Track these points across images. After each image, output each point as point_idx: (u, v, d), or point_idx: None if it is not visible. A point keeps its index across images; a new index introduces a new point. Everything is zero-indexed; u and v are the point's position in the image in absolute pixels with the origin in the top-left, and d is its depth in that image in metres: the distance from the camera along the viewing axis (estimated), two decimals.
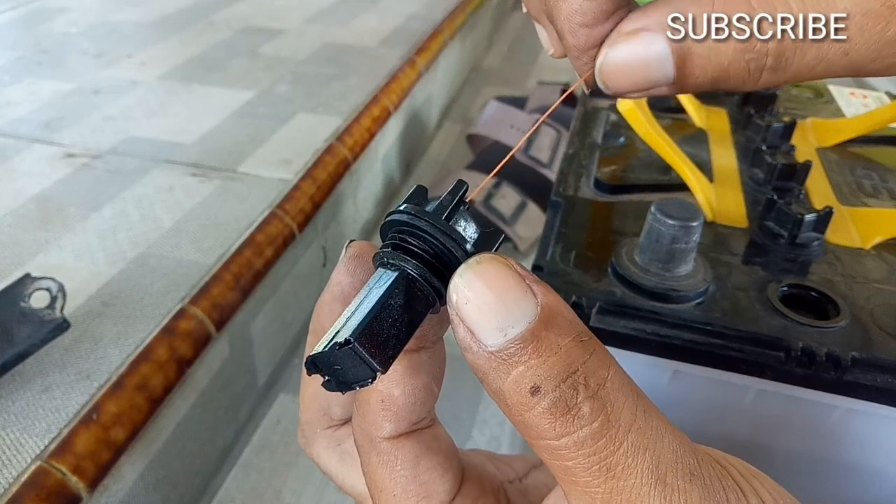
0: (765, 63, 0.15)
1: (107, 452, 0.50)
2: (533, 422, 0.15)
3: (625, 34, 0.16)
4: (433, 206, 0.16)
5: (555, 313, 0.15)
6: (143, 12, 1.39)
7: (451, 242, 0.16)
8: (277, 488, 0.68)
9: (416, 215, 0.16)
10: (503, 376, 0.15)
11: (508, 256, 0.16)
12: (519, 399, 0.15)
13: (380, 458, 0.18)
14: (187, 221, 0.74)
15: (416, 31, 1.34)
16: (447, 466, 0.19)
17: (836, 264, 0.39)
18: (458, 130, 1.38)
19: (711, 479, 0.15)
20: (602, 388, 0.15)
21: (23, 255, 0.68)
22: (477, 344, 0.15)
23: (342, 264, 0.19)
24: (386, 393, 0.18)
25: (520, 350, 0.14)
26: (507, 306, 0.15)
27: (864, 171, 0.50)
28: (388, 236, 0.17)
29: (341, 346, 0.15)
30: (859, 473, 0.37)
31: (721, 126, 0.55)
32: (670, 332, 0.34)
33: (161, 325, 0.60)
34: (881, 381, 0.32)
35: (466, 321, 0.15)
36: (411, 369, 0.18)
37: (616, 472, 0.14)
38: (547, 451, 0.15)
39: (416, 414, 0.18)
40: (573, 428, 0.14)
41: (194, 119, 0.97)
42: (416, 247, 0.16)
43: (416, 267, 0.16)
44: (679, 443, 0.15)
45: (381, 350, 0.15)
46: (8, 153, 0.86)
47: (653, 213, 0.35)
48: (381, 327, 0.16)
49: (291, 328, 0.82)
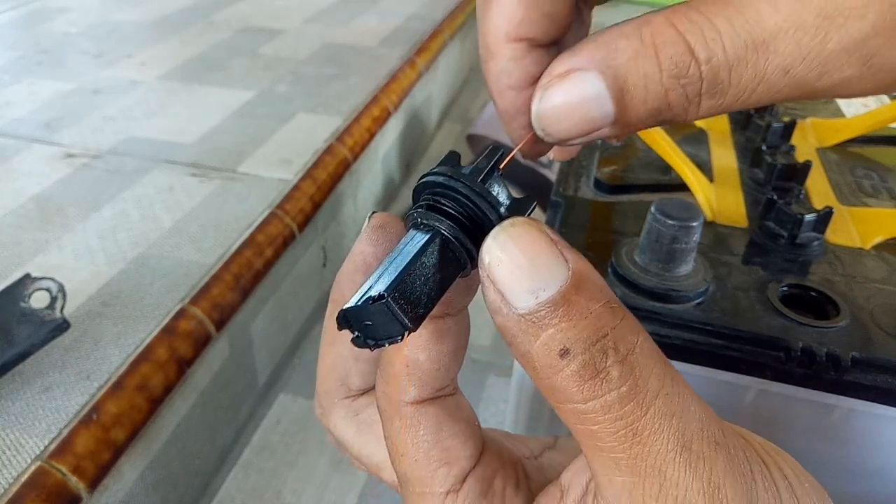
0: (700, 87, 0.14)
1: (107, 452, 0.50)
2: (561, 384, 0.15)
3: (557, 76, 0.15)
4: (468, 169, 0.16)
5: (586, 278, 0.15)
6: (143, 12, 1.39)
7: (485, 205, 0.16)
8: (277, 488, 0.68)
9: (453, 177, 0.16)
10: (532, 339, 0.15)
11: None
12: (548, 361, 0.15)
13: (403, 422, 0.18)
14: (187, 221, 0.74)
15: (416, 31, 1.34)
16: (469, 434, 0.19)
17: (836, 264, 0.39)
18: (458, 130, 1.38)
19: (736, 450, 0.15)
20: (631, 354, 0.15)
21: (23, 255, 0.68)
22: (507, 306, 0.15)
23: (365, 234, 0.19)
24: (411, 357, 0.18)
25: (550, 313, 0.15)
26: (539, 269, 0.15)
27: (864, 171, 0.50)
28: (421, 197, 0.17)
29: (375, 301, 0.15)
30: (859, 473, 0.37)
31: (721, 126, 0.55)
32: (670, 332, 0.34)
33: (161, 325, 0.60)
34: (881, 381, 0.32)
35: (498, 283, 0.15)
36: (437, 335, 0.18)
37: (642, 437, 0.14)
38: (574, 414, 0.15)
39: (440, 380, 0.18)
40: (601, 391, 0.14)
41: (194, 119, 0.97)
42: (450, 208, 0.16)
43: (449, 228, 0.16)
44: (705, 413, 0.15)
45: (412, 307, 0.15)
46: (8, 153, 0.86)
47: (653, 213, 0.35)
48: (413, 285, 0.16)
49: (291, 328, 0.82)
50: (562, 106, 0.15)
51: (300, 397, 0.79)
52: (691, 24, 0.14)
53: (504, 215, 0.16)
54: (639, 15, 0.16)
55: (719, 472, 0.15)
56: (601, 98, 0.15)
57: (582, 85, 0.15)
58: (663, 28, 0.14)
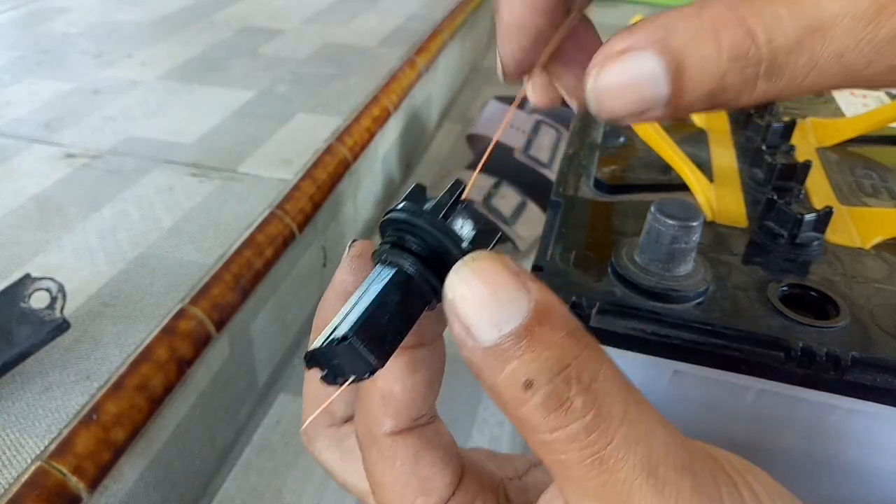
0: (759, 70, 0.14)
1: (107, 453, 0.50)
2: (527, 416, 0.15)
3: (614, 54, 0.15)
4: (431, 204, 0.17)
5: (548, 309, 0.15)
6: (143, 12, 1.39)
7: (447, 240, 0.16)
8: (277, 488, 0.68)
9: (414, 213, 0.17)
10: (497, 371, 0.15)
11: (507, 256, 0.16)
12: (513, 394, 0.15)
13: (380, 453, 0.19)
14: (187, 221, 0.74)
15: (415, 31, 1.34)
16: (447, 462, 0.19)
17: (836, 264, 0.39)
18: (458, 130, 1.38)
19: (703, 472, 0.15)
20: (595, 382, 0.15)
21: (23, 256, 0.68)
22: (472, 340, 0.15)
23: (345, 263, 0.19)
24: (386, 389, 0.18)
25: (514, 345, 0.15)
26: (502, 302, 0.15)
27: (864, 171, 0.50)
28: (386, 234, 0.17)
29: (339, 342, 0.15)
30: (859, 473, 0.37)
31: (721, 126, 0.55)
32: (670, 332, 0.34)
33: (161, 325, 0.60)
34: (881, 381, 0.32)
35: (462, 317, 0.15)
36: (411, 366, 0.18)
37: (608, 465, 0.15)
38: (541, 445, 0.15)
39: (416, 410, 0.19)
40: (566, 421, 0.15)
41: (194, 119, 0.97)
42: (413, 244, 0.17)
43: (413, 264, 0.17)
44: (671, 437, 0.15)
45: (378, 345, 0.16)
46: (8, 153, 0.86)
47: (653, 213, 0.35)
48: (378, 323, 0.16)
49: (291, 328, 0.82)
50: (616, 85, 0.15)
51: (300, 397, 0.79)
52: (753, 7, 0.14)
53: (466, 249, 0.16)
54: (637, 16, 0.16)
55: (686, 496, 0.15)
56: (657, 78, 0.15)
57: (639, 64, 0.15)
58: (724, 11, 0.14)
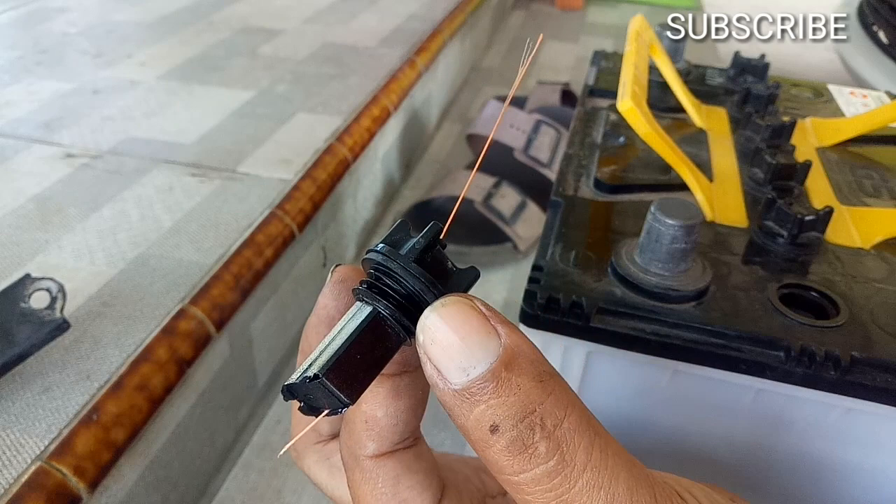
0: None
1: (107, 453, 0.50)
2: (493, 458, 0.15)
3: None
4: (409, 245, 0.17)
5: (517, 354, 0.16)
6: (142, 12, 1.39)
7: (419, 285, 0.17)
8: (277, 488, 0.68)
9: (389, 256, 0.17)
10: (466, 413, 0.15)
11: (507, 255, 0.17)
12: (480, 436, 0.15)
13: (363, 475, 0.19)
14: (187, 221, 0.74)
15: (415, 30, 1.34)
16: (426, 485, 0.20)
17: (836, 264, 0.39)
18: (458, 130, 1.38)
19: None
20: (558, 429, 0.15)
21: (23, 256, 0.68)
22: (443, 381, 0.16)
23: (326, 289, 0.20)
24: (370, 414, 0.19)
25: (481, 389, 0.15)
26: (470, 347, 0.15)
27: (864, 171, 0.50)
28: (367, 271, 0.18)
29: (311, 380, 0.16)
30: (859, 473, 0.37)
31: (721, 126, 0.55)
32: (670, 331, 0.34)
33: (161, 325, 0.60)
34: (881, 381, 0.32)
35: (432, 360, 0.16)
36: (394, 393, 0.19)
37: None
38: (508, 485, 0.16)
39: (398, 434, 0.19)
40: (530, 465, 0.15)
41: (194, 119, 0.97)
42: (388, 287, 0.17)
43: (386, 307, 0.17)
44: (636, 480, 0.16)
45: (348, 384, 0.16)
46: (7, 153, 0.86)
47: (652, 213, 0.35)
48: (350, 363, 0.16)
49: (291, 328, 0.82)
50: None
51: None
52: None
53: (439, 292, 0.17)
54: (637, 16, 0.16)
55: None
56: None
57: None
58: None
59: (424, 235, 0.17)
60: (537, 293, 0.36)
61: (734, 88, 0.61)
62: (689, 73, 0.63)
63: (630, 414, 0.39)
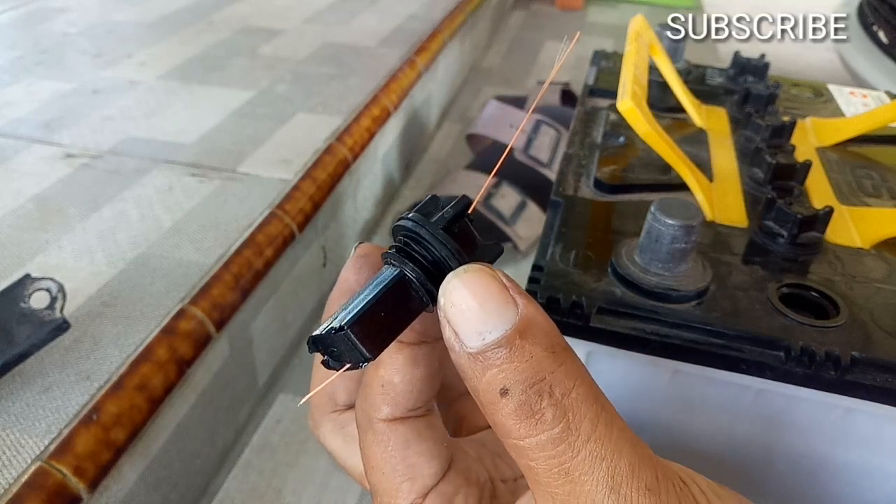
0: None
1: (107, 453, 0.50)
2: (501, 421, 0.16)
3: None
4: (438, 216, 0.18)
5: (532, 323, 0.16)
6: (142, 12, 1.39)
7: (445, 251, 0.18)
8: (277, 488, 0.68)
9: (419, 223, 0.18)
10: (479, 376, 0.16)
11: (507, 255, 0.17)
12: (490, 398, 0.16)
13: (375, 437, 0.20)
14: (187, 221, 0.74)
15: (415, 30, 1.34)
16: (435, 453, 0.20)
17: (836, 264, 0.39)
18: (458, 130, 1.38)
19: (668, 496, 0.16)
20: (566, 398, 0.16)
21: (23, 256, 0.68)
22: (459, 344, 0.17)
23: (350, 263, 0.22)
24: (387, 379, 0.20)
25: (495, 354, 0.16)
26: (488, 313, 0.16)
27: (864, 171, 0.50)
28: (396, 238, 0.19)
29: (336, 331, 0.17)
30: (859, 473, 0.37)
31: (721, 125, 0.55)
32: (670, 331, 0.34)
33: (161, 325, 0.60)
34: (881, 381, 0.32)
35: (451, 323, 0.17)
36: (412, 360, 0.19)
37: (574, 476, 0.16)
38: (514, 449, 0.16)
39: (412, 401, 0.20)
40: (536, 431, 0.16)
41: (194, 119, 0.97)
42: (416, 252, 0.18)
43: (413, 270, 0.18)
44: (639, 458, 0.16)
45: (371, 339, 0.17)
46: (7, 153, 0.86)
47: (652, 213, 0.35)
48: (374, 319, 0.17)
49: (291, 328, 0.82)
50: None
51: (300, 397, 0.79)
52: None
53: (464, 261, 0.18)
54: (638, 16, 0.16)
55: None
56: None
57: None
58: None
59: (454, 206, 0.18)
60: (537, 293, 0.36)
61: (734, 88, 0.61)
62: (689, 73, 0.63)
63: (630, 414, 0.39)
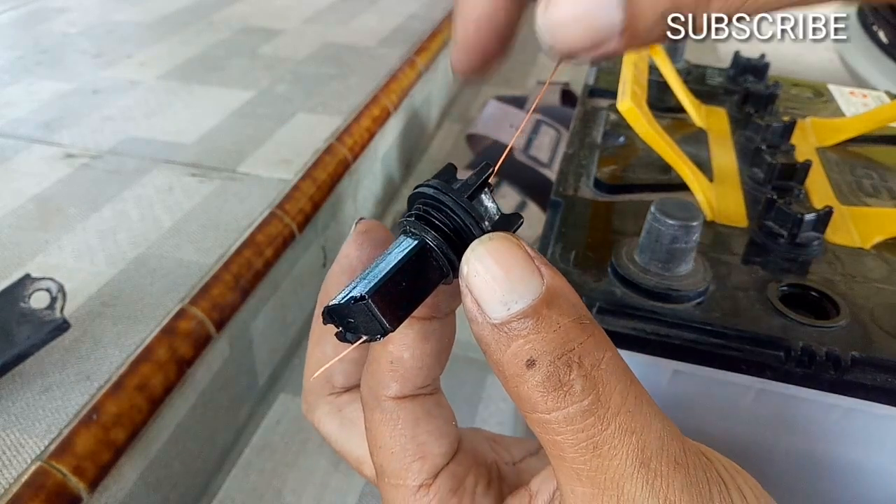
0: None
1: (107, 453, 0.50)
2: (527, 394, 0.15)
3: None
4: (459, 184, 0.17)
5: (558, 294, 0.16)
6: (142, 12, 1.39)
7: (469, 219, 0.17)
8: (277, 488, 0.68)
9: (441, 190, 0.17)
10: (503, 348, 0.15)
11: None
12: (515, 371, 0.15)
13: (383, 415, 0.19)
14: (187, 222, 0.74)
15: (415, 30, 1.34)
16: (444, 432, 0.20)
17: (836, 264, 0.39)
18: (458, 130, 1.38)
19: (696, 470, 0.16)
20: (596, 369, 0.15)
21: (23, 256, 0.68)
22: (482, 315, 0.16)
23: (351, 238, 0.21)
24: (396, 355, 0.19)
25: (521, 324, 0.15)
26: (513, 282, 0.15)
27: (864, 171, 0.50)
28: (413, 206, 0.18)
29: (357, 301, 0.16)
30: (859, 473, 0.37)
31: (721, 126, 0.55)
32: (670, 331, 0.34)
33: (161, 325, 0.60)
34: (881, 381, 0.32)
35: (474, 293, 0.16)
36: (422, 335, 0.19)
37: (602, 451, 0.15)
38: (539, 423, 0.15)
39: (422, 379, 0.19)
40: (564, 403, 0.15)
41: (194, 119, 0.97)
42: (437, 219, 0.17)
43: (434, 238, 0.17)
44: (667, 432, 0.16)
45: (391, 309, 0.16)
46: (7, 153, 0.86)
47: (653, 213, 0.35)
48: (394, 289, 0.16)
49: (291, 328, 0.82)
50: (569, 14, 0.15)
51: (300, 397, 0.79)
52: None
53: (486, 229, 0.17)
54: None
55: (676, 490, 0.15)
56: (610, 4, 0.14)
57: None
58: None
59: (477, 174, 0.18)
60: None
61: (734, 88, 0.61)
62: (689, 73, 0.63)
63: None
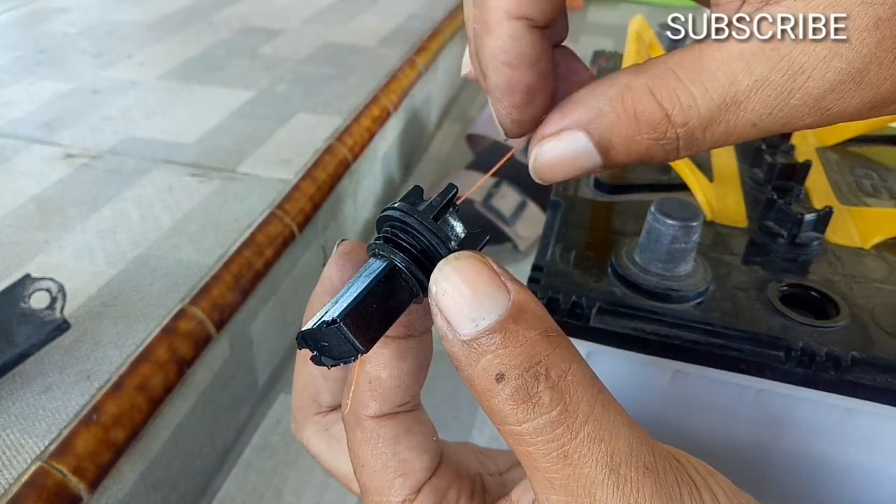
0: (678, 145, 0.16)
1: (107, 453, 0.50)
2: (497, 407, 0.16)
3: (550, 135, 0.17)
4: (424, 205, 0.18)
5: (525, 309, 0.16)
6: (142, 12, 1.39)
7: (435, 239, 0.18)
8: (277, 488, 0.68)
9: (407, 213, 0.18)
10: (473, 363, 0.16)
11: (507, 255, 0.17)
12: (486, 385, 0.16)
13: (364, 434, 0.20)
14: (187, 222, 0.74)
15: (415, 30, 1.34)
16: (425, 448, 0.20)
17: (836, 264, 0.39)
18: (458, 130, 1.38)
19: (666, 474, 0.16)
20: (563, 380, 0.16)
21: (23, 256, 0.68)
22: (452, 332, 0.16)
23: (332, 260, 0.21)
24: (373, 374, 0.19)
25: (489, 340, 0.16)
26: (480, 299, 0.16)
27: (863, 171, 0.50)
28: (381, 230, 0.19)
29: (328, 325, 0.16)
30: (859, 473, 0.37)
31: None
32: (670, 331, 0.34)
33: (161, 325, 0.60)
34: (881, 381, 0.32)
35: (443, 311, 0.16)
36: (398, 355, 0.19)
37: (573, 459, 0.15)
38: (511, 435, 0.16)
39: (400, 397, 0.20)
40: (533, 415, 0.15)
41: (194, 119, 0.97)
42: (404, 241, 0.18)
43: (402, 260, 0.18)
44: (636, 438, 0.16)
45: (363, 331, 0.17)
46: (8, 153, 0.86)
47: (653, 213, 0.35)
48: (365, 311, 0.17)
49: (291, 328, 0.82)
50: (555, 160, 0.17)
51: None
52: (669, 92, 0.16)
53: (452, 249, 0.18)
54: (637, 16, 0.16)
55: (646, 494, 0.16)
56: (589, 153, 0.17)
57: (572, 143, 0.17)
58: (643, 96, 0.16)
59: (441, 195, 0.18)
60: (537, 293, 0.36)
61: None
62: None
63: (630, 414, 0.39)
